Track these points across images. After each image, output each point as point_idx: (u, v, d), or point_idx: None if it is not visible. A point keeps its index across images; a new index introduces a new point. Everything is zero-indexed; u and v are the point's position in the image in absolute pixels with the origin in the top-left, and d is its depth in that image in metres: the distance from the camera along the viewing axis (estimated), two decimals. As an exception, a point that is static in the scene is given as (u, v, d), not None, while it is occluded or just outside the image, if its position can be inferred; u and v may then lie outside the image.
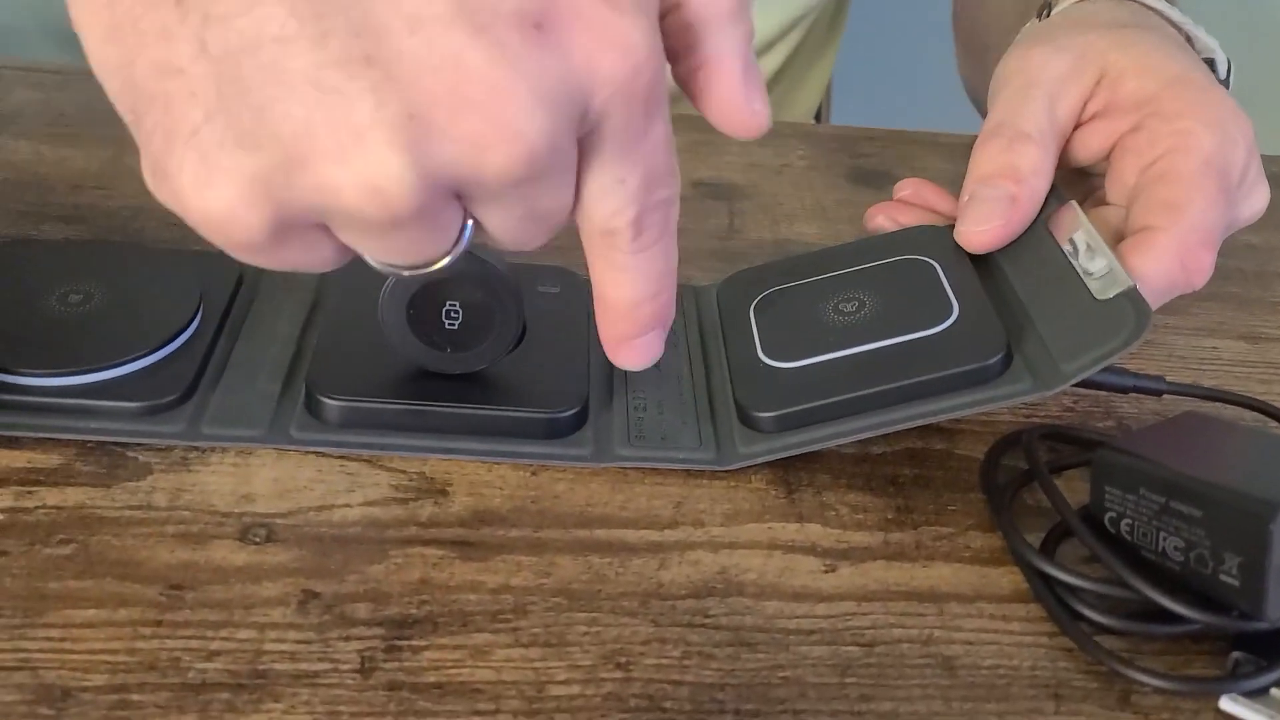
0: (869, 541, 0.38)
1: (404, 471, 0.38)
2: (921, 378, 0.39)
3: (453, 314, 0.39)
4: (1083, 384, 0.42)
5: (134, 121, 0.29)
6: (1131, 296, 0.38)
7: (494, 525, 0.37)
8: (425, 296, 0.38)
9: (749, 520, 0.38)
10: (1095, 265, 0.40)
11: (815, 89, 0.87)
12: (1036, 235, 0.43)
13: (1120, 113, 0.45)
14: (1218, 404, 0.44)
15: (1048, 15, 0.52)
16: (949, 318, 0.41)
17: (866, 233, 0.48)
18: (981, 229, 0.43)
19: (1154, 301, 0.41)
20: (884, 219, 0.48)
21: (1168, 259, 0.41)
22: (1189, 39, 0.51)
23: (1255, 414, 0.44)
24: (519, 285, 0.39)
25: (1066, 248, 0.41)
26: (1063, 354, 0.38)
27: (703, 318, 0.46)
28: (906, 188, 0.49)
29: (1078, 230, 0.42)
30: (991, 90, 0.47)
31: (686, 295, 0.47)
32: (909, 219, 0.48)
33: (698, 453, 0.40)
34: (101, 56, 0.29)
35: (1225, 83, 0.52)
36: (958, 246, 0.44)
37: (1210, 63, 0.51)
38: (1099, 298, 0.39)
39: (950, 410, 0.39)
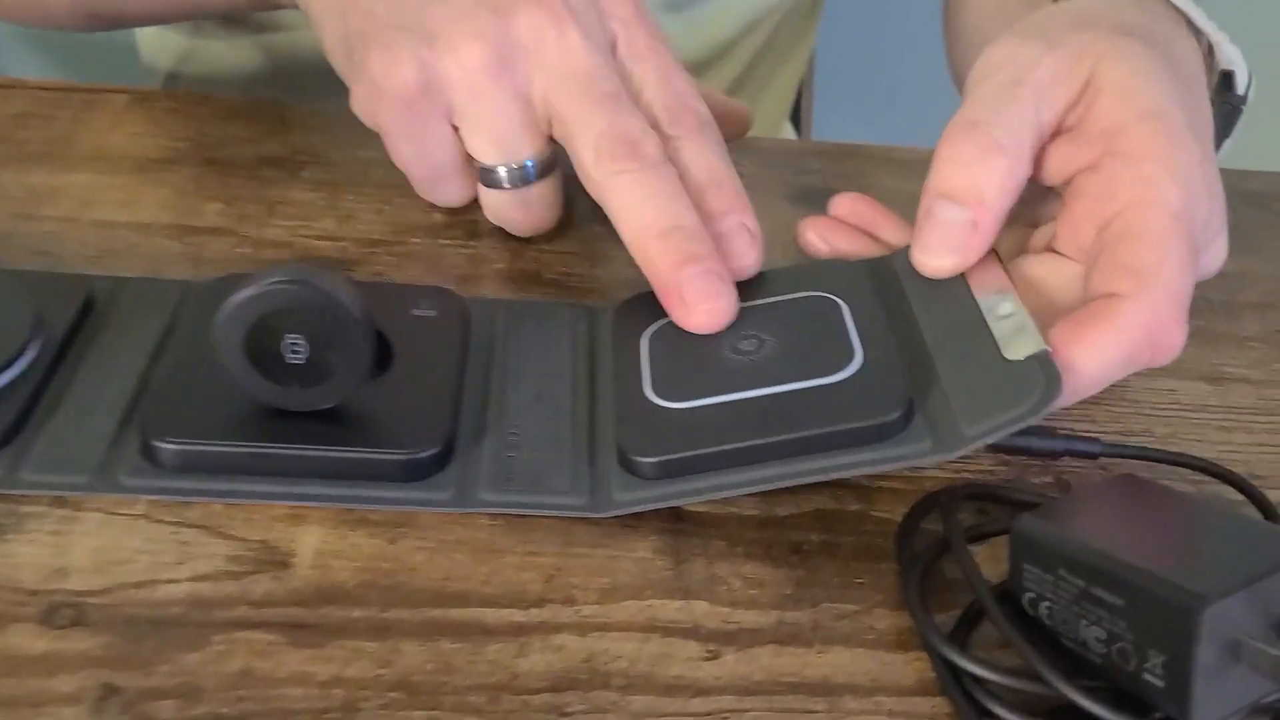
0: (760, 622, 0.34)
1: (245, 540, 0.34)
2: (815, 430, 0.35)
3: (296, 348, 0.35)
4: (1009, 450, 0.38)
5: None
6: (1042, 360, 0.34)
7: (336, 603, 0.33)
8: (263, 328, 0.35)
9: (627, 597, 0.34)
10: (1008, 321, 0.36)
11: (782, 96, 0.82)
12: (952, 280, 0.39)
13: (1085, 139, 0.40)
14: (1162, 465, 0.40)
15: None
16: (851, 365, 0.37)
17: (803, 254, 0.44)
18: (938, 262, 0.39)
19: (1112, 377, 0.37)
20: (814, 237, 0.44)
21: (1134, 332, 0.36)
22: (1212, 47, 0.47)
23: (1203, 475, 0.39)
24: (369, 314, 0.35)
25: (981, 298, 0.37)
26: (966, 415, 0.34)
27: (595, 344, 0.42)
28: (843, 204, 0.45)
29: (994, 281, 0.38)
30: (972, 78, 0.42)
31: (580, 317, 0.43)
32: (843, 241, 0.44)
33: (569, 498, 0.36)
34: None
35: (1243, 98, 0.47)
36: (869, 286, 0.40)
37: (1228, 75, 0.47)
38: (1009, 357, 0.35)
39: (842, 468, 0.35)
